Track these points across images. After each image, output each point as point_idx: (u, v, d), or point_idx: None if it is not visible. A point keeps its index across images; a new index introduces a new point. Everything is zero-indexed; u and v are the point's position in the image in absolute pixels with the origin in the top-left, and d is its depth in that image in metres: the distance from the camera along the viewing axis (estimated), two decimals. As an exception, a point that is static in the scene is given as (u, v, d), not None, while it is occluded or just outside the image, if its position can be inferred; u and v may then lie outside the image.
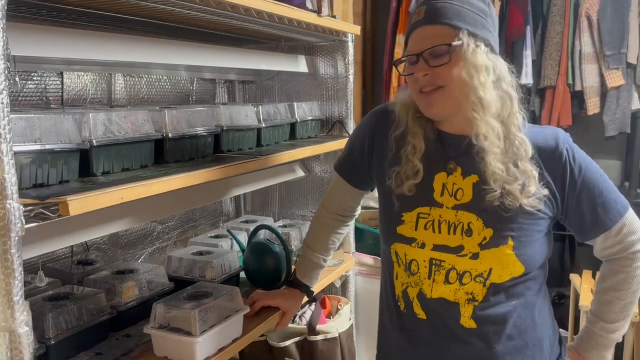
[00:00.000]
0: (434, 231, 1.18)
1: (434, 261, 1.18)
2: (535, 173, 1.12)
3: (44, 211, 0.93)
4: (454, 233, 1.16)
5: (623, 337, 1.29)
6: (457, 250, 1.16)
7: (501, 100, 1.12)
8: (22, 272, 0.86)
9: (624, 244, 1.20)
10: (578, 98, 2.95)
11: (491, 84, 1.10)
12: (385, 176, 1.25)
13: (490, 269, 1.14)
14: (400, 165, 1.21)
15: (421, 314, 1.22)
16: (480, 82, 1.09)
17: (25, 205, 0.88)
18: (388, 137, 1.26)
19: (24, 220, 0.86)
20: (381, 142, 1.29)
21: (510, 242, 1.13)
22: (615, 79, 2.86)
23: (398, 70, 1.20)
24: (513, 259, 1.14)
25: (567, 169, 1.15)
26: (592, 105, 2.89)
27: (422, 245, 1.19)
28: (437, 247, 1.18)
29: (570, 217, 1.19)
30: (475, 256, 1.14)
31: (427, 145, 1.19)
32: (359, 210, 1.55)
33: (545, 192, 1.13)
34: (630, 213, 1.20)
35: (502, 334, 1.18)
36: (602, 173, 1.19)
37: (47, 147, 1.04)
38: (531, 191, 1.11)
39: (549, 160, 1.15)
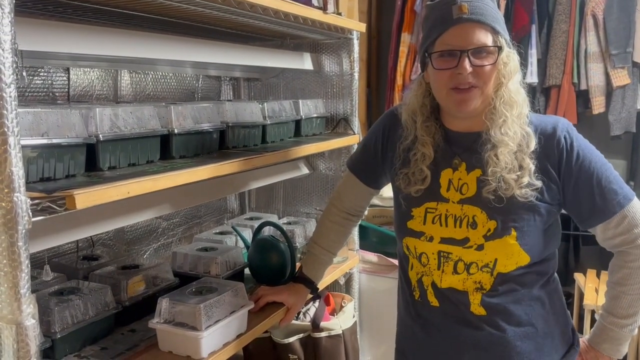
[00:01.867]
0: (441, 225, 1.21)
1: (442, 253, 1.21)
2: (532, 166, 1.15)
3: (51, 205, 0.94)
4: (460, 226, 1.19)
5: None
6: (463, 242, 1.19)
7: (523, 100, 1.17)
8: (29, 265, 0.87)
9: (626, 236, 1.18)
10: (583, 97, 2.94)
11: (519, 86, 1.17)
12: (395, 176, 1.29)
13: (496, 259, 1.17)
14: (409, 167, 1.25)
15: (434, 302, 1.25)
16: (514, 85, 1.15)
17: (32, 199, 0.89)
18: (398, 145, 1.29)
19: (30, 214, 0.86)
20: (393, 143, 1.32)
21: (514, 233, 1.16)
22: (620, 78, 2.85)
23: (433, 64, 1.16)
24: (517, 248, 1.16)
25: (563, 156, 1.16)
26: (598, 105, 2.88)
27: (431, 239, 1.22)
28: (444, 240, 1.21)
29: (568, 203, 1.20)
30: (480, 247, 1.17)
31: (436, 152, 1.23)
32: (366, 211, 1.56)
33: (539, 184, 1.15)
34: (634, 205, 1.18)
35: (512, 320, 1.20)
36: (604, 162, 1.19)
37: (54, 141, 1.04)
38: (524, 182, 1.14)
39: (547, 146, 1.17)
